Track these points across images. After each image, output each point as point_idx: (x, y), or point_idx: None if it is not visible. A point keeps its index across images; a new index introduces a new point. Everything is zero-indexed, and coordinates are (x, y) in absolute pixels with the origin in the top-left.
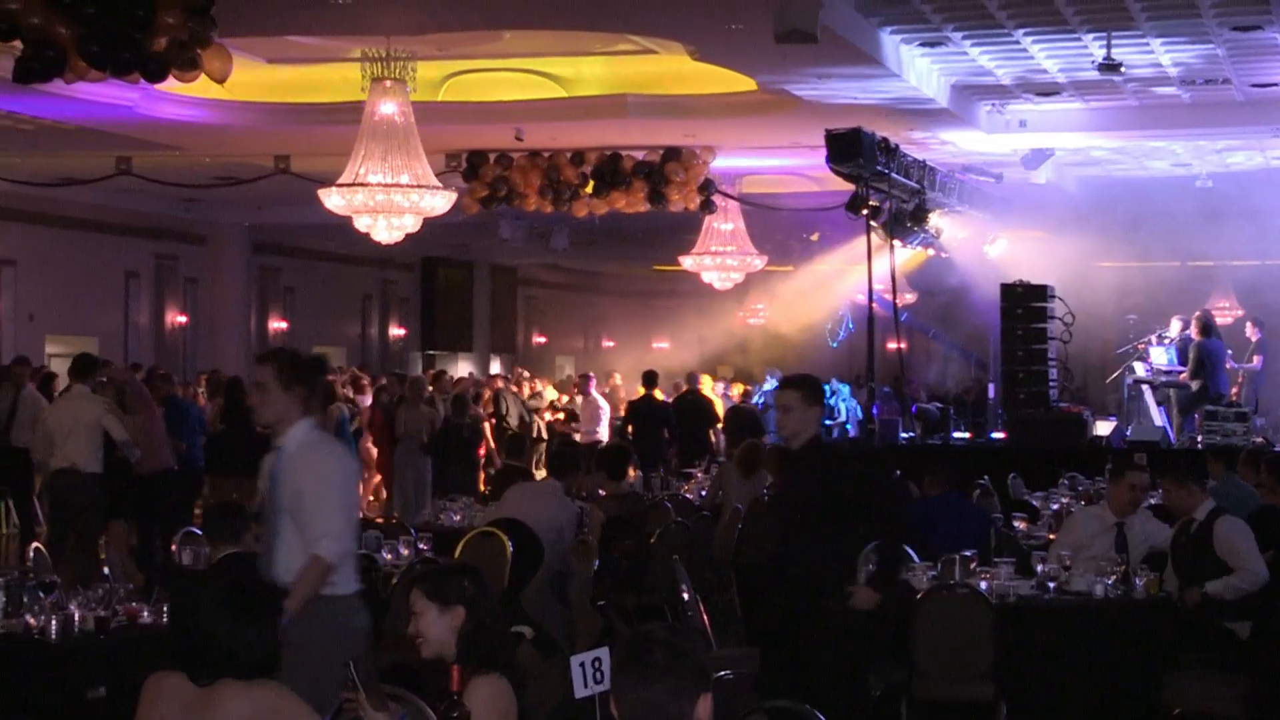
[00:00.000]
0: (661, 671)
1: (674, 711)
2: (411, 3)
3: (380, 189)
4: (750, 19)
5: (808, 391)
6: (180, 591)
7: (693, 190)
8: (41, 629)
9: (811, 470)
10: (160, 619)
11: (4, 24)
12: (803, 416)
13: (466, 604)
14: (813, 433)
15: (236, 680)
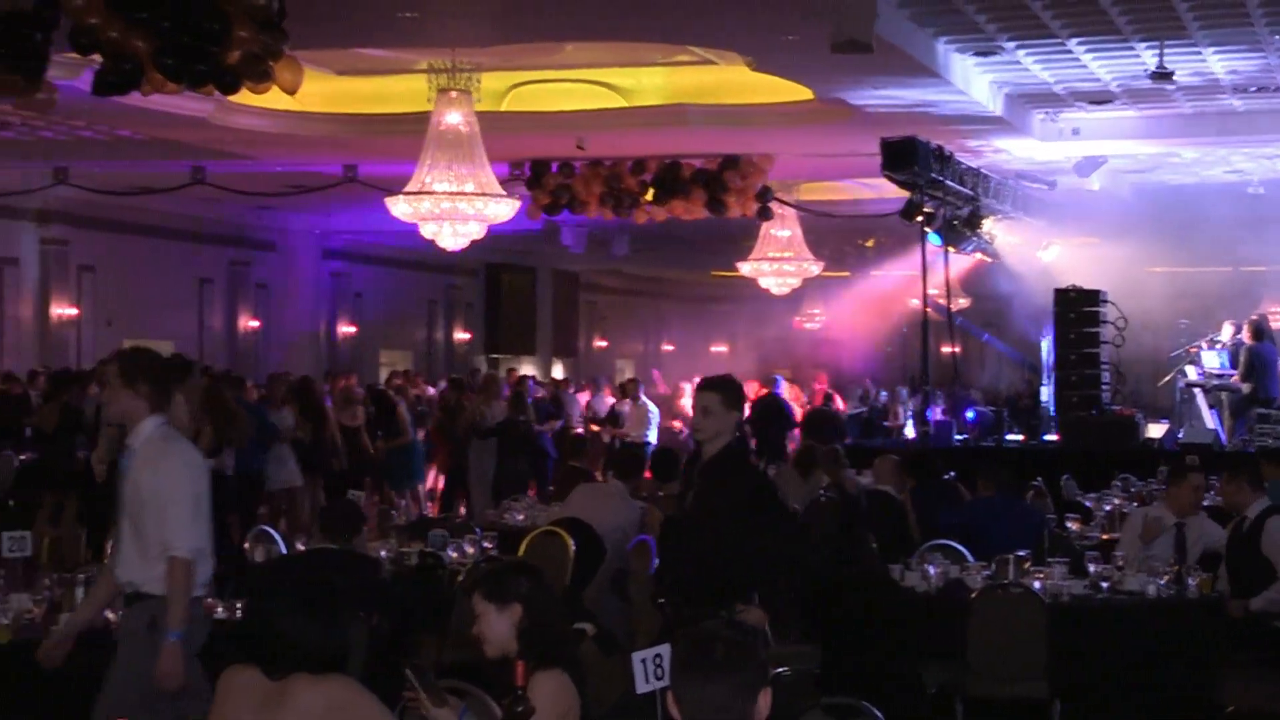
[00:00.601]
0: (723, 668)
1: (736, 707)
2: (477, 16)
3: (446, 197)
4: (807, 30)
5: (728, 394)
6: (252, 589)
7: (750, 197)
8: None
9: (724, 476)
10: (233, 614)
11: (83, 38)
12: (722, 420)
13: (523, 601)
14: (729, 437)
15: (308, 675)
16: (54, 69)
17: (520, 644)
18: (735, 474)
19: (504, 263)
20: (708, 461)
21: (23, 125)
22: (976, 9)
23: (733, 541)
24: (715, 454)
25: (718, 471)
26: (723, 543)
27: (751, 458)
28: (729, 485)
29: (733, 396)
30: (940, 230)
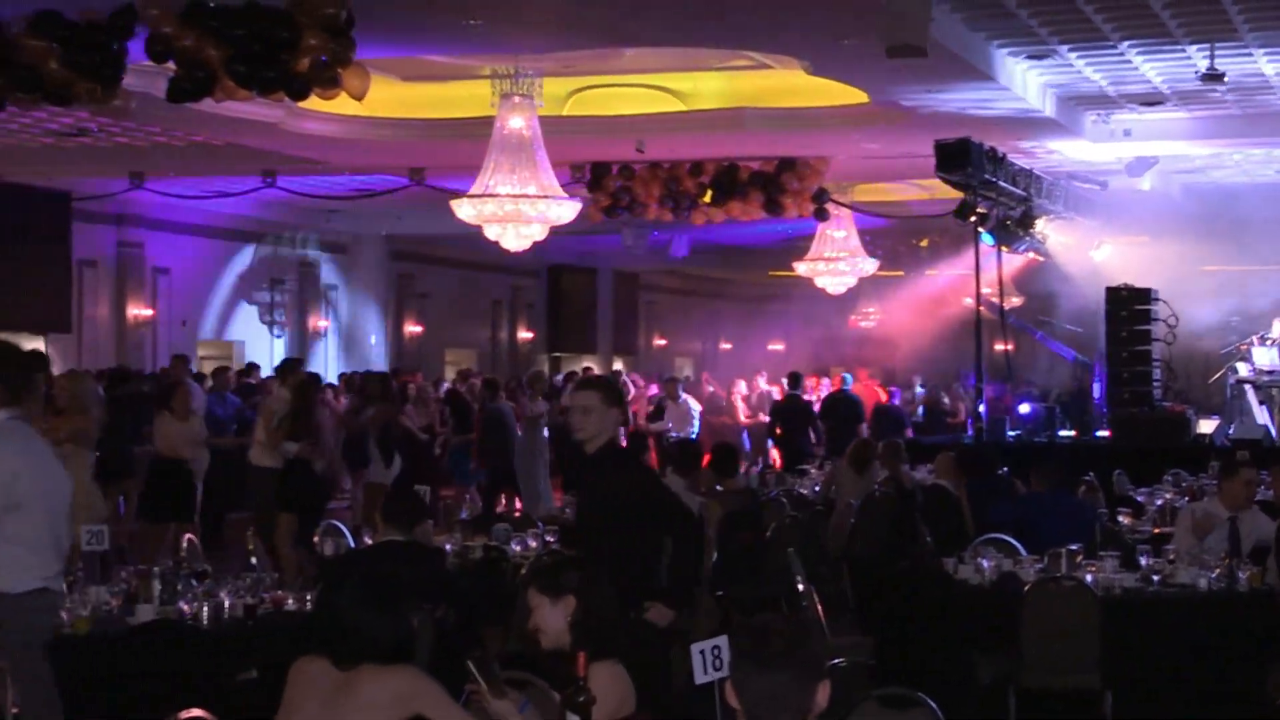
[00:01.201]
0: (784, 661)
1: (796, 699)
2: (539, 22)
3: (509, 199)
4: (862, 35)
5: (607, 393)
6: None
7: (807, 199)
8: (194, 615)
9: (607, 474)
10: (304, 605)
11: (158, 46)
12: (602, 418)
13: (576, 593)
14: (610, 435)
15: (376, 665)
16: (130, 76)
17: (574, 635)
18: (618, 470)
19: (566, 263)
20: (592, 459)
21: (100, 131)
22: (1029, 13)
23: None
24: (597, 451)
25: (602, 469)
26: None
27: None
28: (614, 481)
29: (612, 394)
30: (993, 230)
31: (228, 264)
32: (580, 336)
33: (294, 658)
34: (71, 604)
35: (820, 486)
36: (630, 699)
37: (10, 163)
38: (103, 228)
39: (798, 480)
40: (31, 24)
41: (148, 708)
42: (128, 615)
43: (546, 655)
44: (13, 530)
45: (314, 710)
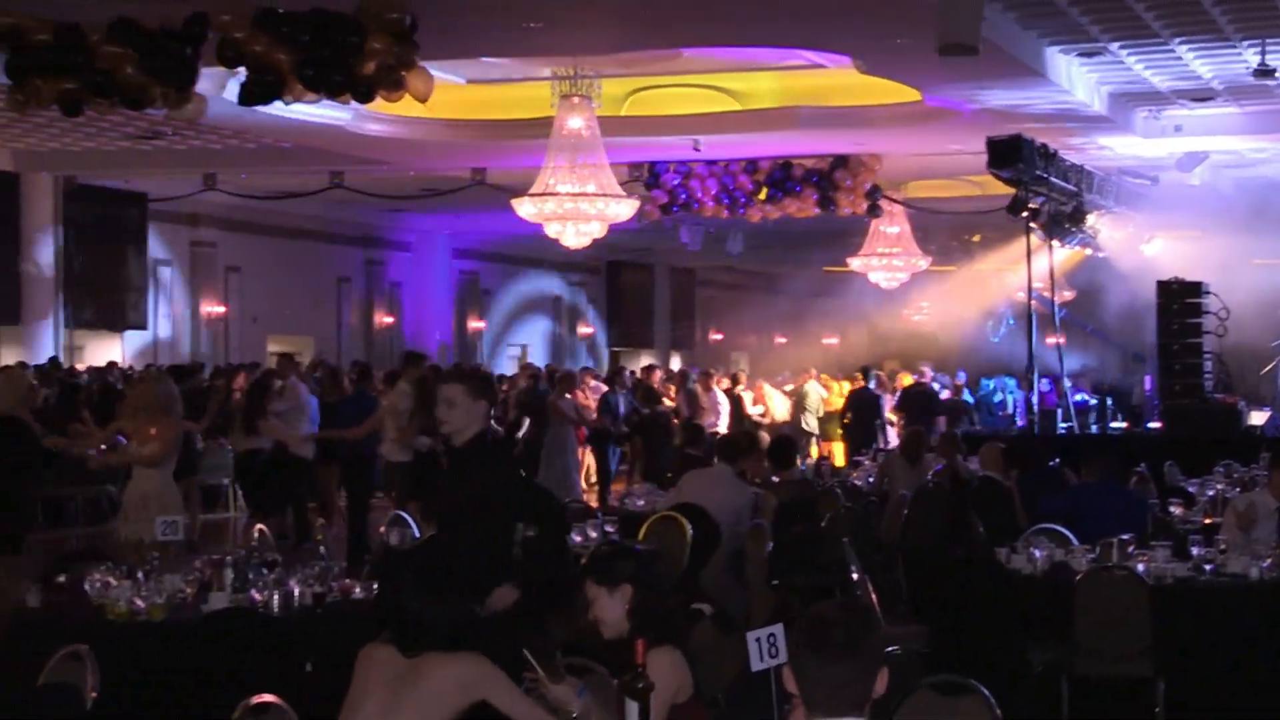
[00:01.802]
0: (845, 650)
1: (856, 685)
2: (598, 25)
3: (569, 198)
4: (914, 34)
5: (472, 385)
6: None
7: (860, 196)
8: (265, 603)
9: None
10: (372, 594)
11: (229, 52)
12: (468, 411)
13: (631, 581)
14: (479, 428)
15: (440, 652)
16: (202, 81)
17: (632, 622)
18: (484, 463)
19: (624, 260)
20: (458, 451)
21: (174, 135)
22: (1080, 11)
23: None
24: (464, 444)
25: (468, 461)
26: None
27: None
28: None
29: (477, 387)
30: (1045, 225)
31: (296, 262)
32: (638, 331)
33: (360, 645)
34: (147, 592)
35: (874, 477)
36: (688, 685)
37: (90, 165)
38: (177, 228)
39: (853, 471)
40: (109, 31)
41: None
42: (201, 603)
43: (607, 644)
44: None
45: (381, 696)
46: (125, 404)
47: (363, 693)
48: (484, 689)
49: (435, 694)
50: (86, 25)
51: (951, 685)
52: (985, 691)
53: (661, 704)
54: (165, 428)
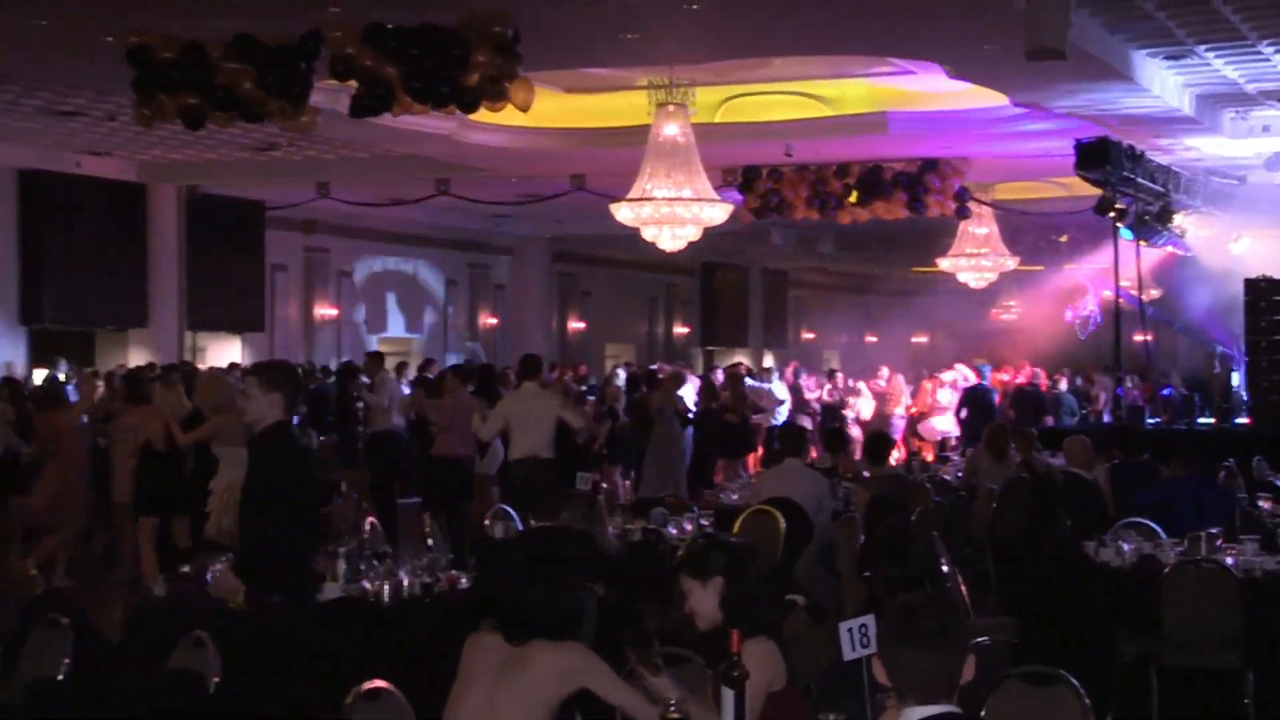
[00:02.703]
0: (935, 640)
1: (945, 673)
2: (693, 35)
3: (665, 202)
4: (1002, 39)
5: (265, 377)
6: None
7: (949, 198)
8: (375, 593)
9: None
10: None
11: (341, 66)
12: (262, 402)
13: (722, 573)
14: (275, 418)
15: (546, 641)
16: (316, 94)
17: (725, 612)
18: (274, 452)
19: (718, 261)
20: (252, 440)
21: (289, 145)
22: (1167, 15)
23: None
24: (260, 433)
25: (259, 450)
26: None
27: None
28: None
29: (271, 380)
30: (1132, 225)
31: (405, 266)
32: (732, 331)
33: (465, 633)
34: None
35: (963, 472)
36: (782, 674)
37: (210, 176)
38: (292, 234)
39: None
40: (228, 48)
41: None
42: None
43: (702, 635)
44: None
45: (486, 683)
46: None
47: (469, 679)
48: (586, 678)
49: (539, 682)
50: (208, 43)
51: (1040, 675)
52: (1074, 682)
53: (757, 693)
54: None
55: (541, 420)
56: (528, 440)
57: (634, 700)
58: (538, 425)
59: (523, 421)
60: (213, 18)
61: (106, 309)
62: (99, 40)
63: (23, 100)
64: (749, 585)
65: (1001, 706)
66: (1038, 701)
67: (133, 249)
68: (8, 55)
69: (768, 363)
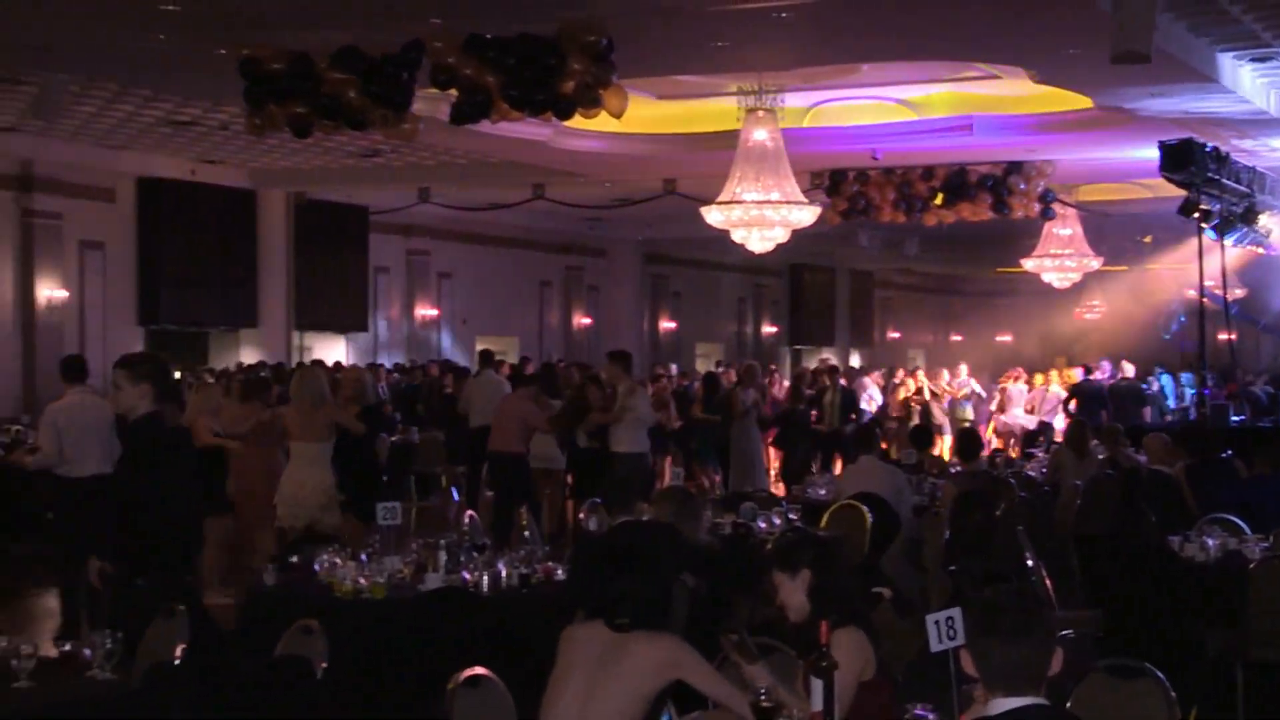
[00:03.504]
0: (1020, 631)
1: (1033, 665)
2: (782, 43)
3: (754, 205)
4: (1087, 44)
5: (133, 370)
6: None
7: (1033, 199)
8: (475, 583)
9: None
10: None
11: (442, 75)
12: (131, 394)
13: (810, 566)
14: (146, 408)
15: (644, 632)
16: (417, 102)
17: (813, 604)
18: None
19: (806, 263)
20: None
21: (392, 152)
22: (1253, 18)
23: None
24: (131, 423)
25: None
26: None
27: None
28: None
29: (139, 372)
30: (1216, 226)
31: (502, 268)
32: (819, 330)
33: (560, 622)
34: (369, 572)
35: (1047, 469)
36: (872, 663)
37: (317, 182)
38: (394, 238)
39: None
40: (334, 59)
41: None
42: (418, 582)
43: (794, 627)
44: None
45: (585, 672)
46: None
47: (568, 669)
48: (682, 669)
49: (636, 673)
50: (315, 54)
51: (1126, 668)
52: (1159, 675)
53: (848, 682)
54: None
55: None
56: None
57: (727, 690)
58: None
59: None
60: (319, 30)
61: (219, 310)
62: (213, 54)
63: (142, 111)
64: (836, 577)
65: (1087, 698)
66: (1123, 694)
67: (244, 252)
68: (128, 69)
69: (854, 361)
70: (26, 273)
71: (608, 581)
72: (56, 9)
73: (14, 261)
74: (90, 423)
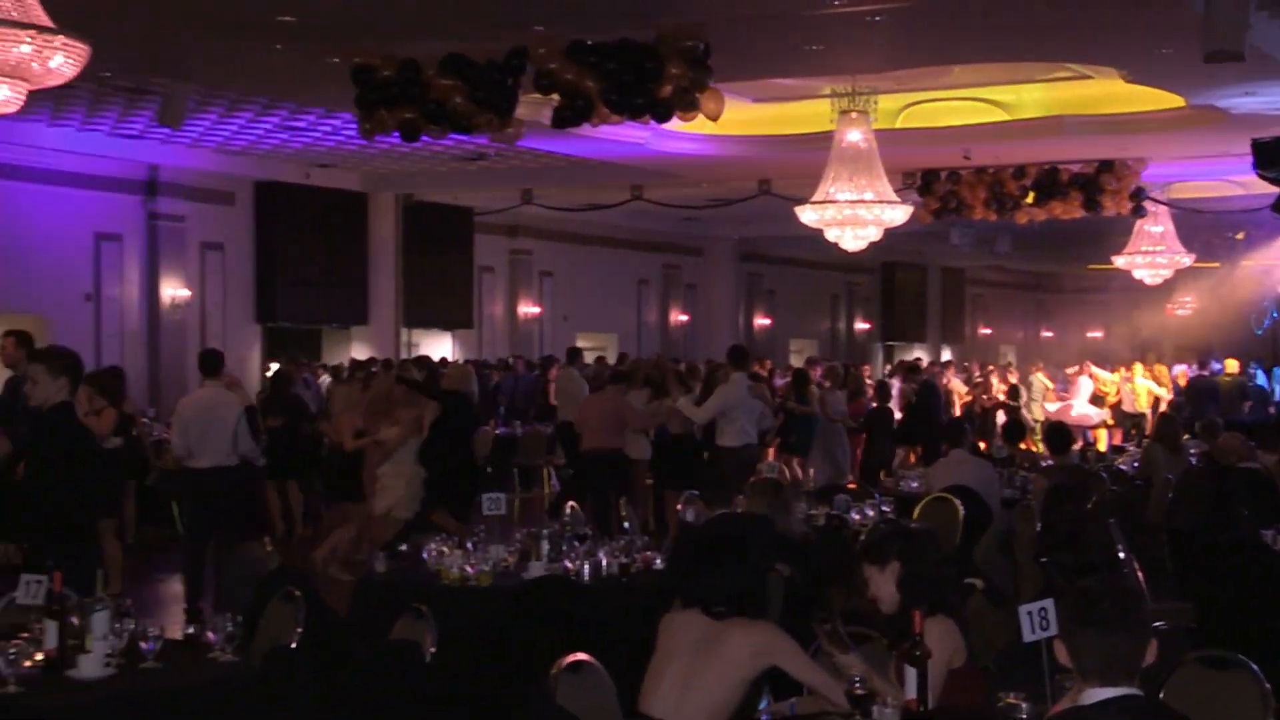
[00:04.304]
0: (1113, 621)
1: (1129, 656)
2: (875, 45)
3: (847, 205)
4: (1179, 43)
5: (51, 365)
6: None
7: (1125, 197)
8: (576, 572)
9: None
10: None
11: (545, 81)
12: (48, 386)
13: (898, 557)
14: (60, 398)
15: (741, 620)
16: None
17: (903, 594)
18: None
19: (898, 261)
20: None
21: (496, 155)
22: None
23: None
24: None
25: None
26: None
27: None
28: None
29: (55, 366)
30: None
31: (601, 266)
32: (911, 327)
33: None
34: (476, 560)
35: (1139, 463)
36: (961, 651)
37: (424, 184)
38: (499, 238)
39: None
40: (441, 65)
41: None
42: (522, 571)
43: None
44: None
45: (684, 659)
46: (367, 398)
47: (668, 655)
48: (777, 656)
49: (734, 659)
50: (423, 62)
51: (1219, 660)
52: (1253, 667)
53: (938, 671)
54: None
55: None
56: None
57: (822, 677)
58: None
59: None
60: (427, 39)
61: (332, 308)
62: (326, 62)
63: (260, 119)
64: (925, 568)
65: (1181, 689)
66: (1216, 686)
67: (355, 252)
68: (247, 78)
69: (945, 357)
70: (153, 273)
71: (706, 571)
72: (182, 24)
73: (141, 263)
74: (214, 417)
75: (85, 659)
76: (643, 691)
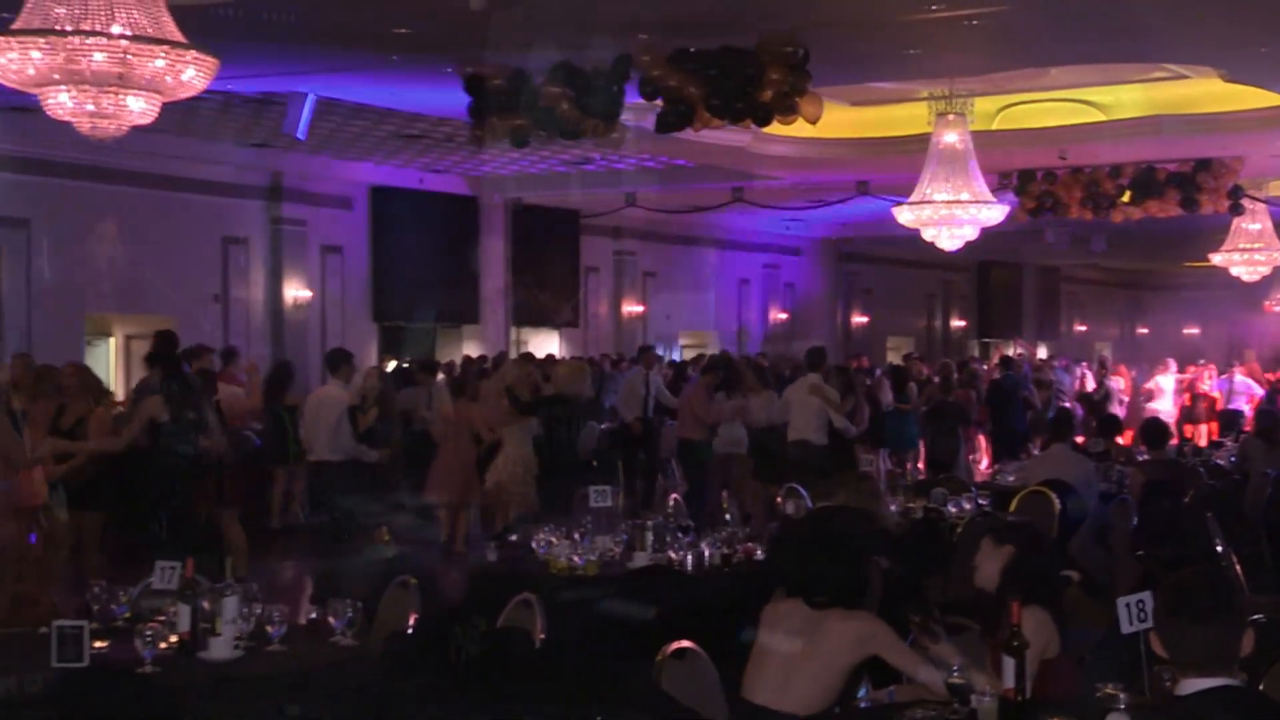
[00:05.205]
0: (1210, 612)
1: (1226, 647)
2: (972, 49)
3: (944, 205)
4: (1278, 41)
5: None
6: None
7: (1222, 196)
8: (679, 562)
9: None
10: None
11: (648, 87)
12: None
13: (1016, 544)
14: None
15: (841, 609)
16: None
17: (1004, 581)
18: None
19: (994, 259)
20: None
21: (601, 159)
22: None
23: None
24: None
25: None
26: None
27: None
28: None
29: None
30: None
31: (703, 266)
32: (1006, 324)
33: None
34: (583, 550)
35: (1236, 457)
36: (1055, 642)
37: (533, 188)
38: (603, 239)
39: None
40: (549, 73)
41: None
42: (627, 560)
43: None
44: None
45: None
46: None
47: (770, 644)
48: (877, 644)
49: (835, 649)
50: (532, 70)
51: None
52: None
53: (1033, 660)
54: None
55: (820, 410)
56: (800, 423)
57: (921, 666)
58: (813, 412)
59: (799, 409)
60: (537, 48)
61: (444, 307)
62: (440, 72)
63: (377, 127)
64: (1033, 563)
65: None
66: None
67: (466, 254)
68: (365, 87)
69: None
70: (276, 275)
71: (807, 562)
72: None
73: (265, 265)
74: (322, 414)
75: (216, 641)
76: (745, 677)
